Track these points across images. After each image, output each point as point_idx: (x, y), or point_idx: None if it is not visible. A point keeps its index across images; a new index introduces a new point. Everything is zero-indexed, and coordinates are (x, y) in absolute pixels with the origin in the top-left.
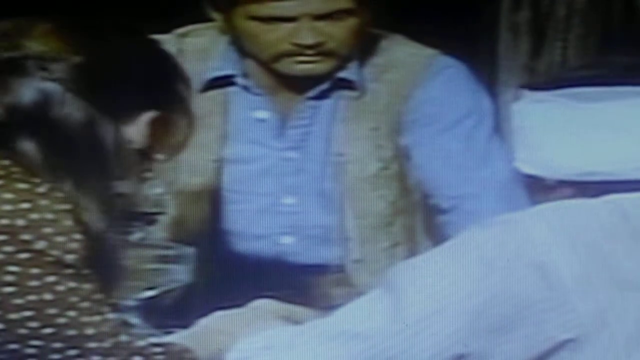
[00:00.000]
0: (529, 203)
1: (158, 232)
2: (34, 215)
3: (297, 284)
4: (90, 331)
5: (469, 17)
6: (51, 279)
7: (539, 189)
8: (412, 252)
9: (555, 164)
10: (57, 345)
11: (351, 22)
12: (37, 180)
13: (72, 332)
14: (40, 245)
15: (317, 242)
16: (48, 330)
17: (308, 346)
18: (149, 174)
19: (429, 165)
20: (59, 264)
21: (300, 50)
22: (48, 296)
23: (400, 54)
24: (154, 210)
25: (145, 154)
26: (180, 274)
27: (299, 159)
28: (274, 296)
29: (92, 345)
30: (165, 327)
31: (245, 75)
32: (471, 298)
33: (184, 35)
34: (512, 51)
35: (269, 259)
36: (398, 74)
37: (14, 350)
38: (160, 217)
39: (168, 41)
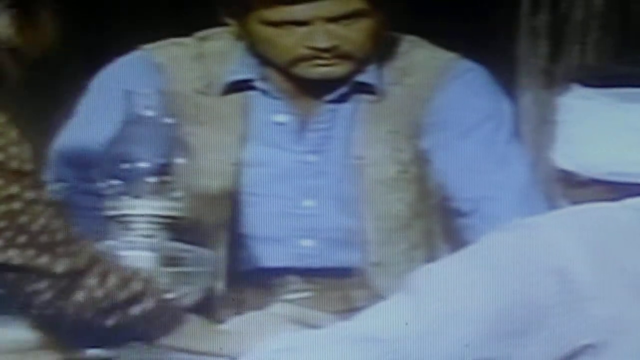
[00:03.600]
0: (553, 202)
1: (177, 235)
2: None
3: (317, 287)
4: (60, 236)
5: (488, 21)
6: (16, 188)
7: (570, 184)
8: (431, 255)
9: (590, 162)
10: (31, 252)
11: (365, 24)
12: None
13: (44, 239)
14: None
15: (337, 245)
16: (22, 239)
17: (329, 349)
18: (168, 178)
19: (448, 168)
20: (20, 173)
21: (317, 53)
22: (17, 205)
23: (421, 57)
24: (172, 213)
25: (14, 54)
26: (199, 278)
27: (319, 162)
28: (291, 300)
29: (61, 250)
30: None
31: (264, 79)
32: (490, 303)
33: (204, 38)
34: (530, 55)
35: (288, 263)
36: (418, 77)
37: None
38: (179, 221)
39: (188, 44)
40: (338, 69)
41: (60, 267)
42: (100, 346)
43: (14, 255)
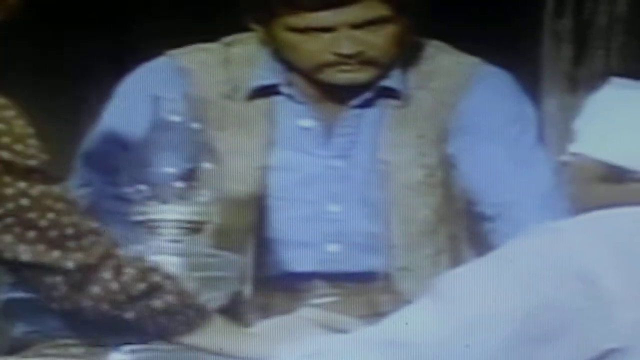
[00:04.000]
0: (577, 204)
1: (203, 240)
2: None
3: (343, 291)
4: (70, 231)
5: (512, 26)
6: (23, 185)
7: (618, 181)
8: (456, 260)
9: None
10: (41, 247)
11: (390, 30)
12: None
13: (53, 234)
14: (5, 155)
15: (363, 250)
16: (31, 235)
17: (355, 354)
18: (194, 183)
19: (473, 173)
20: (27, 169)
21: (341, 59)
22: (25, 201)
23: (445, 62)
24: (199, 218)
25: None
26: (226, 283)
27: (344, 167)
28: (318, 304)
29: (72, 244)
30: None
31: (289, 84)
32: (517, 307)
33: (229, 44)
34: (554, 59)
35: (314, 267)
36: (443, 82)
37: (9, 261)
38: (205, 226)
39: (214, 50)
40: (363, 75)
41: (70, 262)
42: (125, 342)
43: (23, 251)
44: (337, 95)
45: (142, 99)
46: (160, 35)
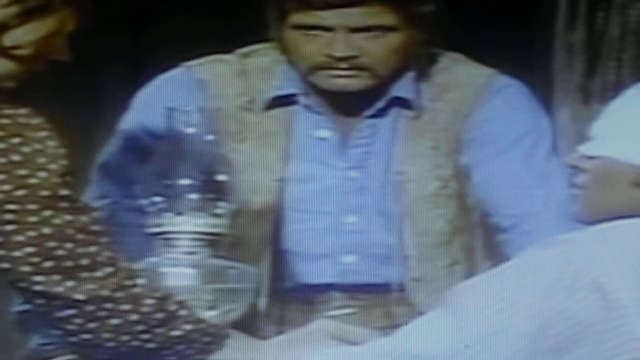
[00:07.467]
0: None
1: (220, 251)
2: (26, 149)
3: (359, 303)
4: (84, 262)
5: (524, 37)
6: (48, 212)
7: None
8: (471, 271)
9: None
10: (56, 277)
11: (392, 40)
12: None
13: (69, 264)
14: (34, 181)
15: (379, 261)
16: (48, 264)
17: None
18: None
19: (488, 184)
20: (55, 197)
21: (333, 63)
22: (47, 230)
23: (460, 73)
24: (215, 230)
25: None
26: (242, 294)
27: (361, 178)
28: (334, 316)
29: (85, 275)
30: None
31: (306, 94)
32: (532, 318)
33: (246, 55)
34: (567, 71)
35: (331, 279)
36: (458, 93)
37: (23, 289)
38: (222, 237)
39: (231, 61)
40: (356, 82)
41: (81, 294)
42: None
43: (38, 281)
44: (350, 105)
45: (158, 111)
46: (176, 37)
